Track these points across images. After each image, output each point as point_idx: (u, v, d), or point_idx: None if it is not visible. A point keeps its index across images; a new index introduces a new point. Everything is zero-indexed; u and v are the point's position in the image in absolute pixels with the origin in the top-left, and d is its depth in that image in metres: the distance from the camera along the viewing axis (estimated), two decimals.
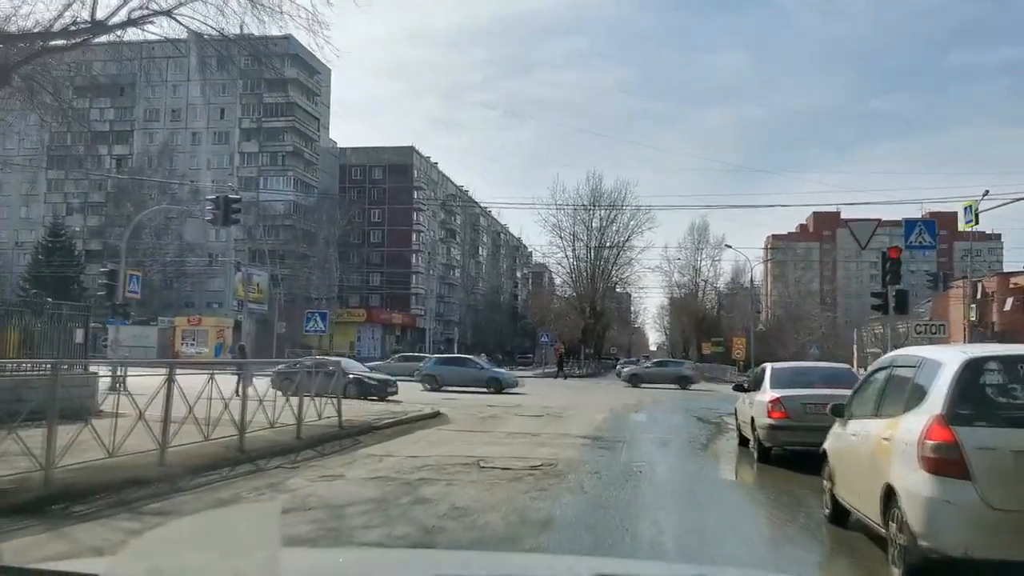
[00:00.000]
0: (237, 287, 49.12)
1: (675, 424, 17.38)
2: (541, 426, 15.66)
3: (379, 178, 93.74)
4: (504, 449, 11.40)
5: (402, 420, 15.19)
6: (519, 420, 17.11)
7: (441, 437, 13.26)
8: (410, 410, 17.62)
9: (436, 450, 11.09)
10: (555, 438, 13.34)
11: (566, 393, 31.23)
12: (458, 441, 12.51)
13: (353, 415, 15.14)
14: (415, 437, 13.17)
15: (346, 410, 16.15)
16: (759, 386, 11.44)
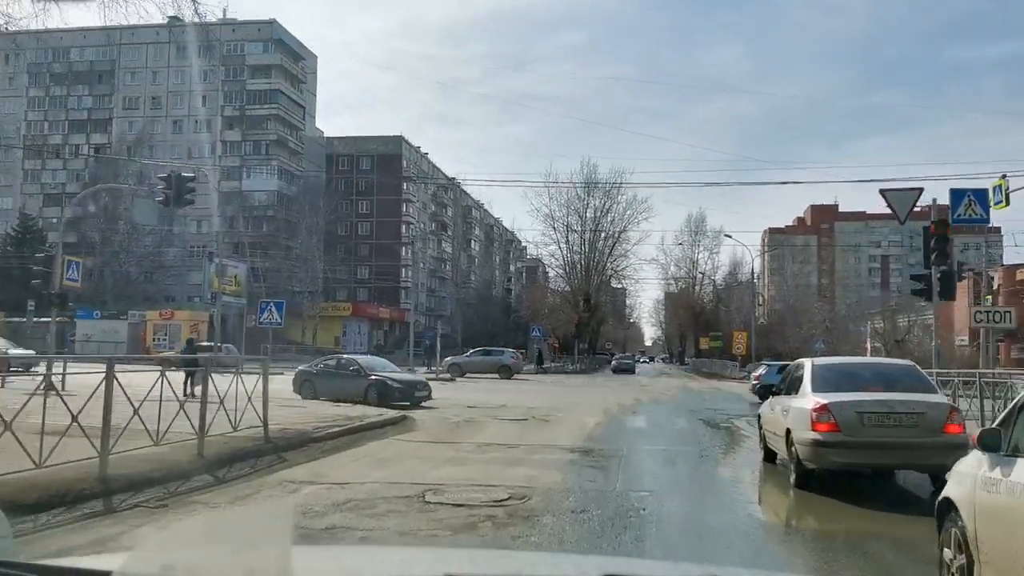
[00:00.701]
0: (212, 279, 46.43)
1: (680, 431, 14.84)
2: (521, 434, 13.13)
3: (367, 168, 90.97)
4: (467, 471, 8.87)
5: (354, 428, 12.64)
6: (497, 426, 14.59)
7: (395, 451, 10.71)
8: (370, 414, 15.09)
9: (378, 472, 8.57)
10: (536, 451, 10.81)
11: (557, 391, 28.71)
12: (413, 458, 9.95)
13: (296, 421, 12.62)
14: (362, 451, 10.62)
15: (293, 415, 13.66)
16: (795, 388, 8.90)
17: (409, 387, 19.26)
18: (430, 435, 12.89)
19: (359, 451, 10.59)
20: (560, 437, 12.71)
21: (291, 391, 19.92)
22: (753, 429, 15.72)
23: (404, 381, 19.51)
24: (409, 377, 20.70)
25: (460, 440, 12.11)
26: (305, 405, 17.09)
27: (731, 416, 19.29)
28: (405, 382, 19.50)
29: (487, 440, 12.10)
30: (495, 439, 12.25)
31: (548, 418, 16.93)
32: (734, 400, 26.77)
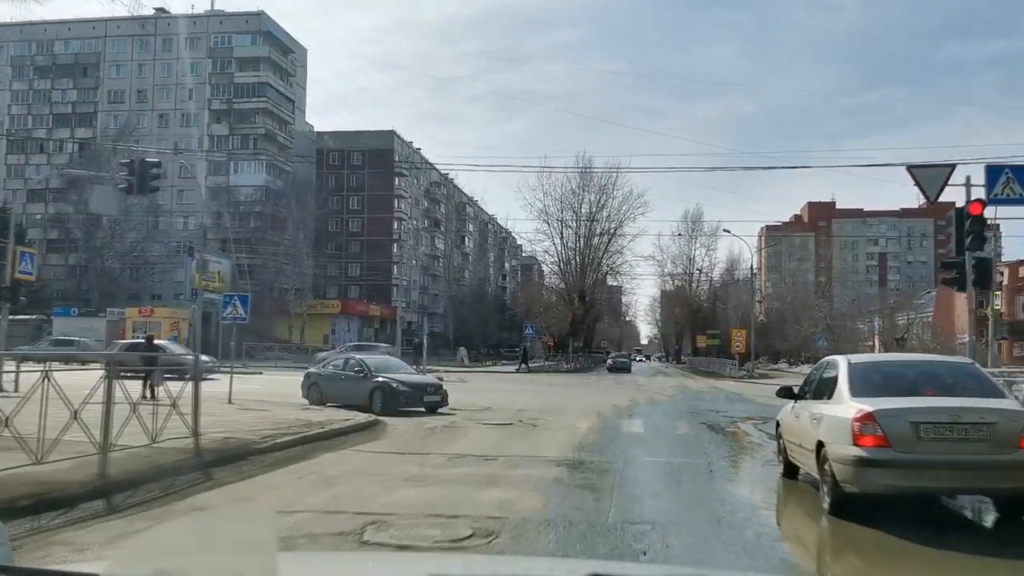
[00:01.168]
0: (194, 275, 44.75)
1: (682, 438, 13.26)
2: (503, 442, 11.56)
3: (358, 164, 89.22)
4: (429, 494, 7.27)
5: (310, 437, 11.04)
6: (478, 432, 13.02)
7: (348, 466, 9.12)
8: (335, 419, 13.51)
9: (318, 496, 6.99)
10: (516, 465, 9.25)
11: (549, 391, 27.13)
12: (367, 475, 8.33)
13: (249, 428, 11.04)
14: (310, 466, 9.02)
15: (251, 421, 12.08)
16: (827, 392, 7.32)
17: (417, 390, 16.91)
18: (397, 444, 11.30)
19: (306, 466, 8.98)
20: (547, 446, 11.13)
21: (300, 395, 18.58)
22: (762, 434, 14.16)
23: (412, 384, 17.12)
24: (419, 379, 18.18)
25: (430, 451, 10.51)
26: (287, 410, 15.51)
27: (735, 419, 17.74)
28: (413, 385, 17.07)
29: (462, 451, 10.51)
30: (471, 449, 10.65)
31: (536, 422, 15.36)
32: (736, 401, 25.23)
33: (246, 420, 12.91)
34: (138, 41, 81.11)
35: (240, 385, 26.41)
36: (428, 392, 17.02)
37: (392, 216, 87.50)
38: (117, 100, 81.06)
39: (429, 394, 16.96)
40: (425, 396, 16.84)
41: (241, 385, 26.39)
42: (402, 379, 17.14)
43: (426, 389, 17.12)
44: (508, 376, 40.39)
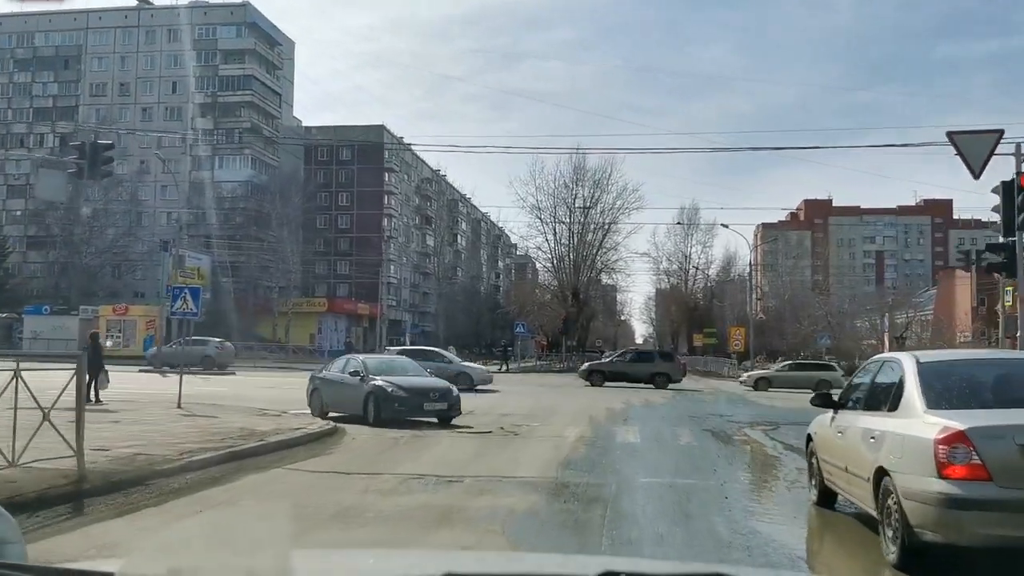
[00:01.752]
0: (172, 272, 42.86)
1: (684, 449, 11.45)
2: (475, 457, 9.77)
3: (347, 159, 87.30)
4: (356, 537, 5.43)
5: (240, 452, 9.19)
6: (449, 442, 11.23)
7: (274, 491, 7.29)
8: (284, 428, 11.69)
9: (198, 546, 5.07)
10: (485, 489, 7.44)
11: (539, 393, 25.31)
12: (288, 507, 6.40)
13: (173, 440, 9.21)
14: (222, 493, 7.18)
15: (181, 430, 10.26)
16: (885, 401, 5.52)
17: (416, 396, 14.02)
18: (347, 460, 9.48)
19: (217, 494, 7.13)
20: (527, 462, 9.33)
21: (266, 399, 17.02)
22: (776, 444, 12.37)
23: (412, 388, 14.21)
24: (422, 382, 14.91)
25: (382, 469, 8.68)
26: (239, 417, 13.70)
27: (741, 424, 15.97)
28: (412, 389, 14.15)
29: (422, 469, 8.68)
30: (434, 467, 8.83)
31: (519, 430, 13.55)
32: (739, 403, 23.48)
33: (178, 430, 11.09)
34: (120, 33, 79.06)
35: (203, 387, 24.60)
36: (430, 398, 14.20)
37: (382, 213, 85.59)
38: (99, 93, 79.01)
39: (432, 400, 14.18)
40: (426, 403, 14.06)
41: (204, 387, 24.58)
42: (400, 382, 14.29)
43: (428, 395, 14.25)
44: (498, 377, 38.54)
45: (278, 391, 22.99)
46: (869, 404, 5.89)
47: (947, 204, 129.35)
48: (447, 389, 14.83)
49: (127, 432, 10.56)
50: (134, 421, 12.42)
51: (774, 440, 12.97)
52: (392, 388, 14.05)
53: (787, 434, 14.10)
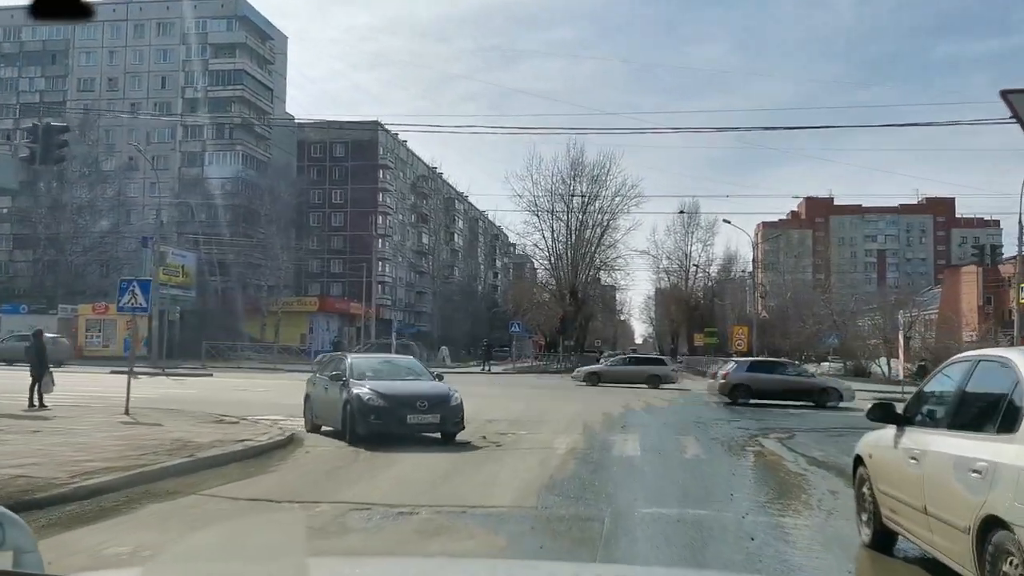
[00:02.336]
0: (154, 270, 41.18)
1: (692, 464, 9.81)
2: (444, 477, 8.13)
3: (341, 156, 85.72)
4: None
5: (148, 474, 7.54)
6: (415, 459, 9.57)
7: (156, 538, 5.59)
8: (227, 440, 10.06)
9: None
10: (440, 529, 5.80)
11: (532, 396, 23.65)
12: (173, 563, 4.80)
13: (86, 454, 7.59)
14: (95, 534, 5.51)
15: (99, 442, 8.64)
16: (993, 419, 3.90)
17: (399, 406, 11.03)
18: (285, 482, 7.83)
19: (84, 536, 5.47)
20: (504, 484, 7.70)
21: (227, 403, 15.57)
22: (796, 457, 10.73)
23: (394, 396, 11.22)
24: (410, 388, 11.85)
25: (323, 496, 7.02)
26: (187, 425, 12.07)
27: (752, 432, 14.37)
28: (395, 397, 11.18)
29: (372, 496, 7.02)
30: (388, 493, 7.18)
31: (502, 440, 11.92)
32: (745, 406, 21.83)
33: (100, 443, 9.47)
34: (109, 27, 77.26)
35: (172, 390, 23.01)
36: (417, 409, 11.09)
37: (377, 210, 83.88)
38: (87, 88, 77.27)
39: (419, 411, 11.08)
40: (410, 415, 10.98)
41: (174, 390, 22.99)
42: (383, 388, 11.32)
43: (413, 404, 11.13)
44: (491, 378, 36.97)
45: (250, 394, 21.48)
46: (960, 421, 4.27)
47: (949, 202, 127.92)
48: (442, 397, 11.50)
49: (34, 446, 8.95)
50: (57, 431, 10.81)
51: (793, 452, 11.35)
52: (369, 396, 10.98)
53: (806, 444, 12.50)
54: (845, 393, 22.75)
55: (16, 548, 1.78)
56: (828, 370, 41.58)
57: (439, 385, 12.26)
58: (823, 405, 22.04)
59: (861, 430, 15.66)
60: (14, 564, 1.74)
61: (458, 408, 11.55)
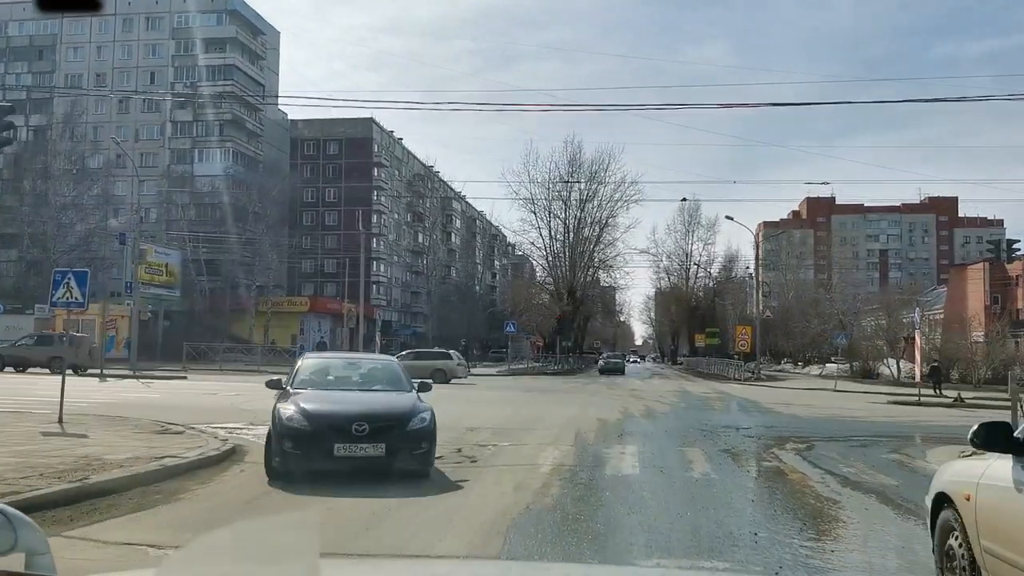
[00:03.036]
0: (137, 268, 39.55)
1: (702, 487, 8.12)
2: (384, 512, 6.44)
3: (334, 153, 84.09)
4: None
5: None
6: (362, 481, 7.85)
7: None
8: (150, 455, 8.41)
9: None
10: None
11: (525, 399, 22.06)
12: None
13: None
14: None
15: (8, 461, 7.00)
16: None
17: (328, 430, 7.95)
18: (189, 518, 6.16)
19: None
20: (461, 522, 6.04)
21: (190, 406, 13.76)
22: (821, 475, 9.07)
23: (323, 416, 8.13)
24: (351, 404, 8.58)
25: None
26: (118, 437, 10.44)
27: (766, 441, 12.74)
28: (327, 418, 8.12)
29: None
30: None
31: (480, 453, 10.29)
32: (753, 411, 20.21)
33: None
34: (97, 21, 75.59)
35: (135, 394, 21.37)
36: (352, 435, 7.81)
37: (372, 209, 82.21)
38: (74, 84, 75.61)
39: (353, 439, 7.80)
40: (339, 444, 7.78)
41: (134, 394, 21.36)
42: (314, 405, 8.28)
43: (347, 429, 7.85)
44: (485, 380, 35.33)
45: (220, 398, 19.94)
46: None
47: (952, 201, 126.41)
48: (397, 419, 8.24)
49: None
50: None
51: (818, 468, 9.70)
52: (291, 415, 8.03)
53: (829, 457, 10.86)
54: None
55: (28, 550, 1.76)
56: (835, 372, 39.99)
57: (400, 400, 8.78)
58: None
59: (884, 440, 14.04)
60: (26, 567, 1.72)
61: (421, 435, 8.19)
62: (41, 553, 1.77)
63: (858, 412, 20.66)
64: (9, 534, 1.74)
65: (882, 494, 7.86)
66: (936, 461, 11.22)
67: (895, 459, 11.30)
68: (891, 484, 8.55)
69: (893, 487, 8.37)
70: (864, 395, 29.14)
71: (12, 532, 1.75)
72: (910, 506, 7.25)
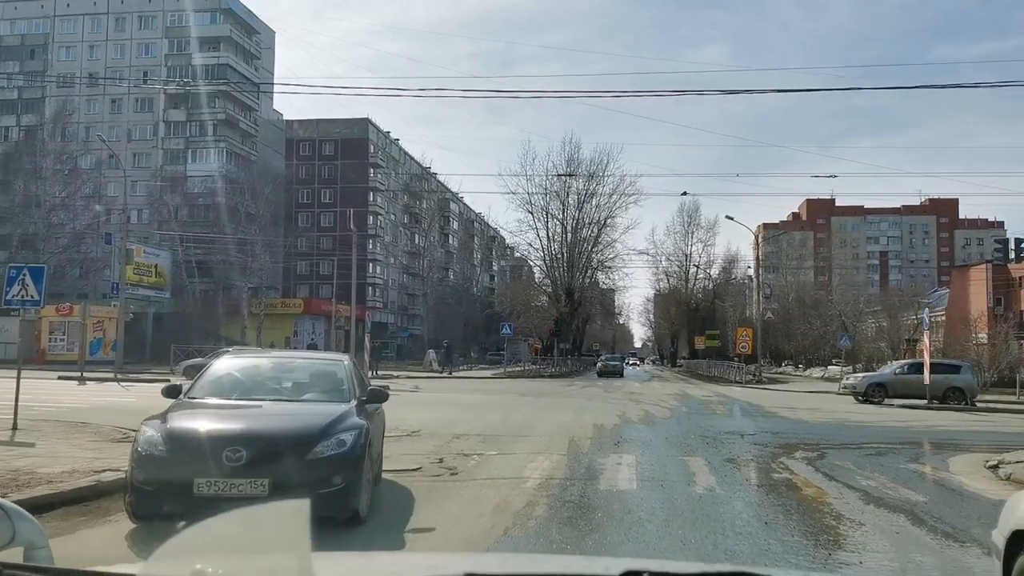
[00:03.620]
0: (125, 269, 38.65)
1: (706, 504, 7.21)
2: (315, 548, 5.53)
3: (330, 154, 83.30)
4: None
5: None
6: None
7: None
8: (79, 469, 7.52)
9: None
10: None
11: (518, 403, 21.16)
12: None
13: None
14: None
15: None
16: None
17: (191, 459, 5.72)
18: (86, 551, 5.25)
19: None
20: (419, 559, 5.14)
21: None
22: (839, 489, 8.16)
23: (194, 439, 5.92)
24: (245, 422, 6.30)
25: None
26: (69, 447, 9.52)
27: (771, 448, 11.85)
28: (193, 440, 5.90)
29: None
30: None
31: (463, 464, 9.40)
32: (756, 415, 19.33)
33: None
34: (89, 21, 74.96)
35: (110, 398, 20.49)
36: (223, 464, 5.61)
37: (368, 210, 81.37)
38: (67, 84, 74.72)
39: (223, 471, 5.60)
40: (199, 480, 5.59)
41: (111, 398, 20.50)
42: (188, 423, 6.19)
43: (219, 456, 5.64)
44: (480, 382, 34.44)
45: None
46: None
47: (952, 203, 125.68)
48: (298, 440, 5.95)
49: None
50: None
51: (833, 481, 8.81)
52: (150, 436, 6.01)
53: (844, 468, 9.97)
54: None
55: (27, 544, 1.78)
56: (838, 374, 39.14)
57: (316, 415, 6.45)
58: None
59: (899, 447, 13.12)
60: (25, 559, 1.72)
61: (333, 465, 5.81)
62: (40, 547, 1.81)
63: (866, 416, 19.79)
64: (7, 528, 1.75)
65: (911, 513, 6.96)
66: (958, 471, 10.33)
67: (915, 469, 10.42)
68: (918, 501, 7.66)
69: (921, 504, 7.47)
70: None
71: (11, 526, 1.77)
72: (946, 528, 6.37)
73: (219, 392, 7.08)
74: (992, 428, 17.70)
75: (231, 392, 7.12)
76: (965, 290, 63.72)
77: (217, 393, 7.05)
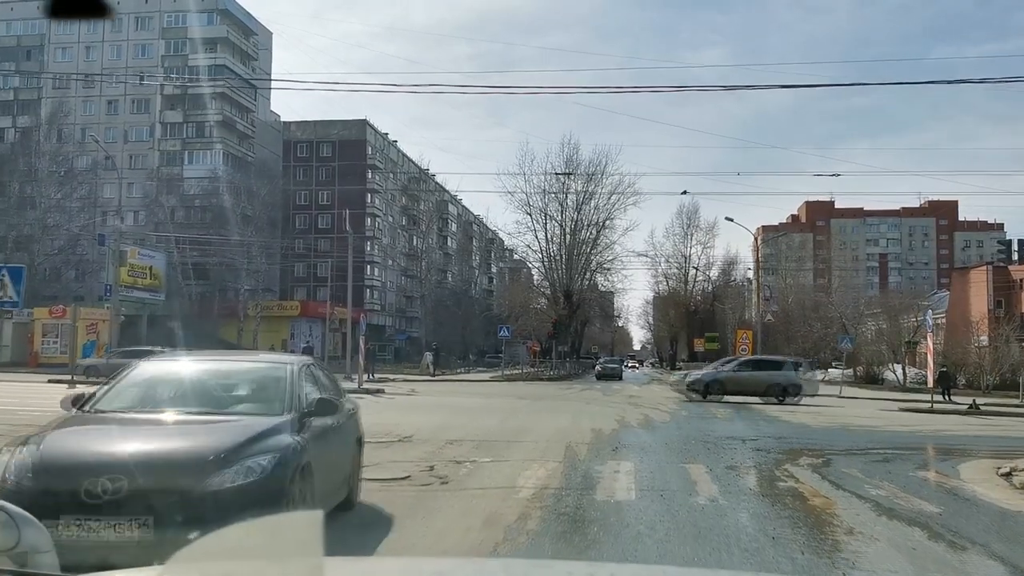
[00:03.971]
0: (119, 270, 38.24)
1: (709, 518, 6.79)
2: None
3: (328, 155, 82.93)
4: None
5: None
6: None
7: None
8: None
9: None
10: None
11: (515, 407, 20.77)
12: None
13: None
14: None
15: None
16: None
17: (46, 495, 4.35)
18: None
19: None
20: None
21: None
22: (847, 497, 7.79)
23: (60, 467, 4.58)
24: (130, 444, 4.86)
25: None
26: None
27: (776, 455, 11.44)
28: (60, 469, 4.55)
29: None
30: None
31: (454, 473, 9.01)
32: (758, 419, 18.92)
33: None
34: (85, 22, 74.50)
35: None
36: (89, 500, 4.33)
37: (365, 212, 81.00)
38: (62, 85, 74.41)
39: (89, 507, 4.31)
40: (63, 516, 4.22)
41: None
42: (58, 449, 4.80)
43: (88, 488, 4.35)
44: (478, 385, 34.07)
45: None
46: None
47: (952, 205, 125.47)
48: (186, 468, 4.63)
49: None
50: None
51: (839, 489, 8.42)
52: (18, 462, 4.62)
53: (851, 475, 9.58)
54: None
55: (32, 548, 1.78)
56: (839, 377, 38.78)
57: (226, 432, 5.17)
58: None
59: (905, 453, 12.71)
60: (30, 564, 1.73)
61: (240, 498, 4.49)
62: (44, 551, 1.80)
63: (869, 421, 19.42)
64: (13, 532, 1.75)
65: (927, 527, 6.57)
66: (970, 479, 9.93)
67: (925, 477, 10.03)
68: (932, 512, 7.27)
69: (936, 516, 7.08)
70: (872, 401, 27.97)
71: (16, 530, 1.75)
72: (964, 544, 5.98)
73: (128, 403, 5.74)
74: (997, 433, 17.33)
75: (142, 403, 5.79)
76: (965, 292, 63.37)
77: (126, 404, 5.72)
